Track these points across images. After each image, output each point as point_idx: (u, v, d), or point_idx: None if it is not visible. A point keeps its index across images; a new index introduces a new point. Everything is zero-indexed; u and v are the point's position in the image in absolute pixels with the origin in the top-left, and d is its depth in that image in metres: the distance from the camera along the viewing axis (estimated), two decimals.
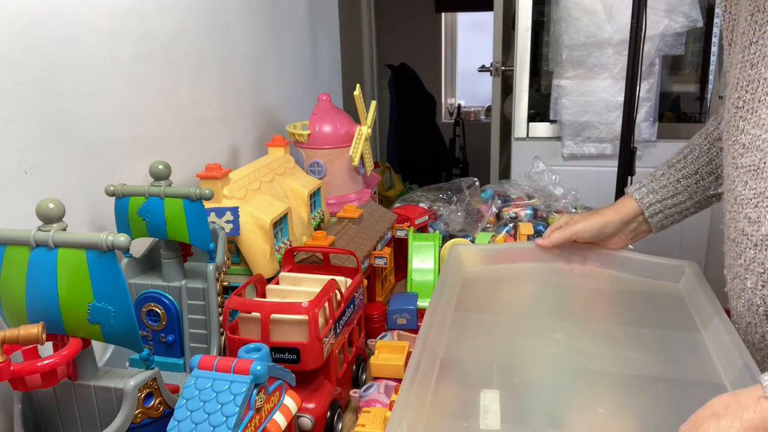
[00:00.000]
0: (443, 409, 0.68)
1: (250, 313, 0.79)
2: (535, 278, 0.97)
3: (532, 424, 0.67)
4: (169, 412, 0.66)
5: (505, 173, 2.59)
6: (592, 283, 0.96)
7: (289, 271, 0.97)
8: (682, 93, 2.44)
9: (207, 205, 0.94)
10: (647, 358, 0.76)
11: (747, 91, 0.72)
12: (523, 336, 0.82)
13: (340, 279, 0.90)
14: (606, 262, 0.96)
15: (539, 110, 2.37)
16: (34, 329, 0.57)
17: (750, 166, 0.71)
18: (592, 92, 2.14)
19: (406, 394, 0.64)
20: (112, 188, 0.84)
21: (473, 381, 0.73)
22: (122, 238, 0.57)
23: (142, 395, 0.63)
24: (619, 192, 1.71)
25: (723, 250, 0.81)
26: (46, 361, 0.58)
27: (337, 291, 0.84)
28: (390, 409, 0.73)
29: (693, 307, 0.85)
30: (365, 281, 1.04)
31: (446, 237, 1.33)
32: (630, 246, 1.01)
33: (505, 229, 1.38)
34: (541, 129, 2.33)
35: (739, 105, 0.73)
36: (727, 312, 0.80)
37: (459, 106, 4.83)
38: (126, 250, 0.59)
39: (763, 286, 0.72)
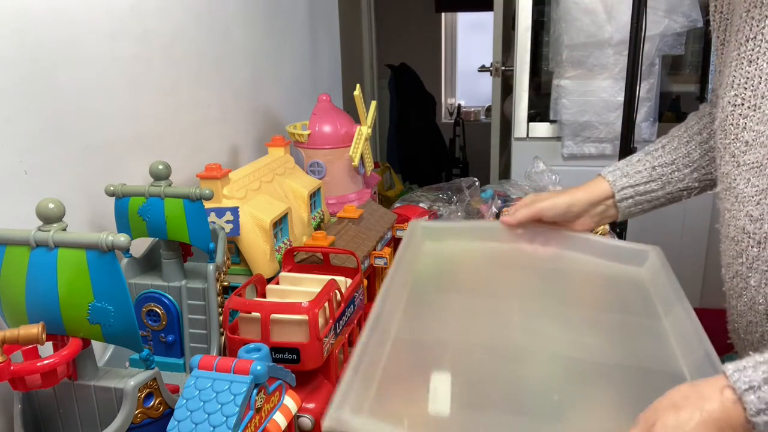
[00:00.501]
0: (391, 391, 0.65)
1: (250, 313, 0.79)
2: (495, 258, 0.94)
3: (484, 409, 0.64)
4: (169, 412, 0.66)
5: (505, 173, 2.59)
6: (553, 265, 0.93)
7: (289, 271, 0.97)
8: (682, 93, 2.44)
9: (207, 205, 0.94)
10: (605, 343, 0.74)
11: (746, 89, 0.72)
12: (479, 317, 0.80)
13: (340, 279, 0.90)
14: (569, 245, 0.93)
15: (539, 110, 2.37)
16: (34, 329, 0.57)
17: (753, 163, 0.71)
18: (592, 92, 2.14)
19: (352, 374, 0.60)
20: (112, 188, 0.84)
21: (425, 363, 0.70)
22: (122, 238, 0.57)
23: (142, 395, 0.63)
24: None
25: (720, 250, 0.81)
26: (46, 361, 0.58)
27: (337, 291, 0.84)
28: None
29: (655, 292, 0.83)
30: (365, 281, 1.04)
31: None
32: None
33: None
34: (541, 129, 2.33)
35: (737, 103, 0.73)
36: (700, 310, 0.79)
37: (459, 106, 4.83)
38: (126, 250, 0.59)
39: (767, 284, 0.72)
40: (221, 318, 0.86)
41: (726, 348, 0.81)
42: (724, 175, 0.77)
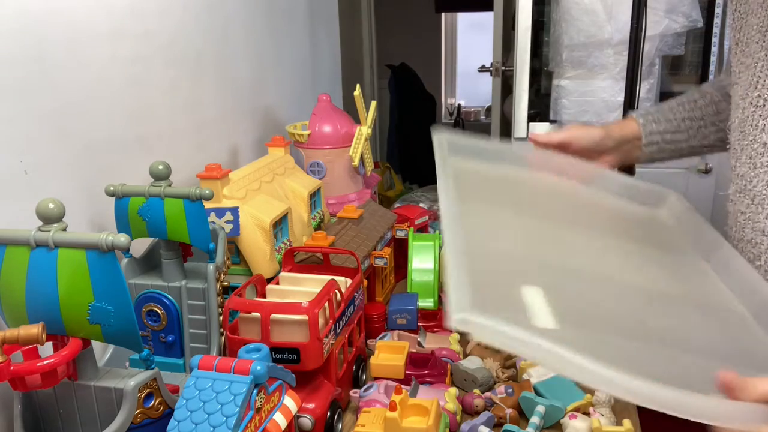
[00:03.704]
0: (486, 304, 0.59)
1: (250, 313, 0.79)
2: (524, 183, 0.91)
3: (588, 328, 0.60)
4: (169, 412, 0.66)
5: None
6: (582, 198, 0.91)
7: (289, 271, 0.97)
8: (682, 93, 2.44)
9: (207, 205, 0.94)
10: (664, 277, 0.73)
11: None
12: (540, 239, 0.76)
13: (340, 279, 0.90)
14: (591, 179, 0.91)
15: (539, 110, 2.37)
16: (34, 329, 0.57)
17: None
18: (592, 92, 2.14)
19: (458, 276, 0.55)
20: (112, 188, 0.84)
21: (510, 276, 0.66)
22: (122, 238, 0.57)
23: (142, 395, 0.63)
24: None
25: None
26: (46, 361, 0.58)
27: (337, 291, 0.84)
28: (390, 410, 0.73)
29: (690, 233, 0.82)
30: (365, 281, 1.04)
31: None
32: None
33: None
34: (541, 129, 2.33)
35: (759, 104, 0.72)
36: None
37: (459, 106, 4.83)
38: (126, 250, 0.59)
39: None
40: (221, 318, 0.86)
41: None
42: (738, 176, 0.76)
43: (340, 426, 0.83)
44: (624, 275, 0.71)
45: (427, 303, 1.07)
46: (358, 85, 1.32)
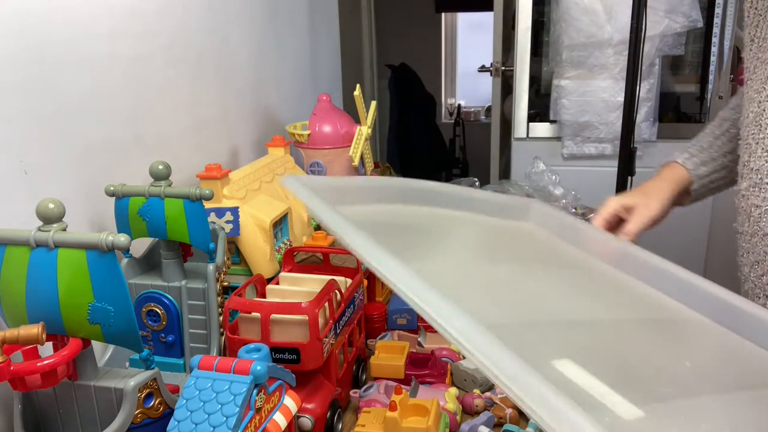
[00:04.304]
0: None
1: (250, 313, 0.79)
2: (407, 218, 0.80)
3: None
4: (169, 413, 0.66)
5: (505, 173, 2.59)
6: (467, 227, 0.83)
7: (289, 271, 0.97)
8: (682, 93, 2.44)
9: (207, 205, 0.94)
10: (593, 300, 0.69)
11: None
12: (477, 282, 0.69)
13: (340, 279, 0.90)
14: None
15: (539, 110, 2.37)
16: (34, 329, 0.57)
17: None
18: (592, 92, 2.14)
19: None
20: (112, 188, 0.84)
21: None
22: (122, 238, 0.57)
23: (142, 395, 0.63)
24: (620, 192, 1.71)
25: (741, 249, 0.79)
26: (46, 361, 0.58)
27: (337, 291, 0.84)
28: (390, 410, 0.73)
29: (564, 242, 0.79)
30: (365, 281, 1.04)
31: None
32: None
33: None
34: (541, 129, 2.33)
35: None
36: None
37: (459, 106, 4.83)
38: (126, 250, 0.59)
39: None
40: (221, 318, 0.86)
41: None
42: (753, 171, 0.76)
43: (340, 426, 0.83)
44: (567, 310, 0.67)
45: None
46: (358, 85, 1.32)
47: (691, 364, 0.58)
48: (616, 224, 0.87)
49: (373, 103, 1.42)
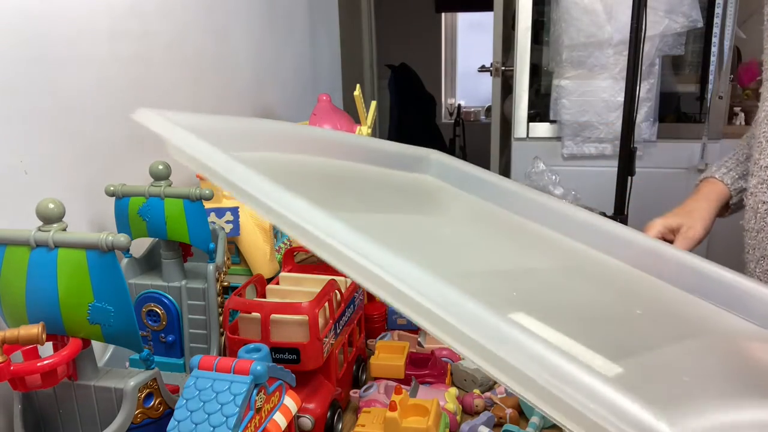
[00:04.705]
0: None
1: (250, 313, 0.79)
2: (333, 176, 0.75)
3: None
4: (169, 412, 0.66)
5: (505, 173, 2.59)
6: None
7: (289, 271, 0.97)
8: (682, 93, 2.44)
9: (207, 205, 0.94)
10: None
11: None
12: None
13: (340, 279, 0.90)
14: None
15: (539, 110, 2.37)
16: (34, 329, 0.57)
17: None
18: (592, 92, 2.14)
19: None
20: (112, 188, 0.84)
21: None
22: (122, 238, 0.57)
23: (142, 395, 0.63)
24: (620, 192, 1.71)
25: (748, 245, 0.79)
26: (46, 361, 0.58)
27: (337, 291, 0.84)
28: (390, 410, 0.73)
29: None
30: None
31: None
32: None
33: None
34: (541, 129, 2.33)
35: None
36: None
37: (459, 106, 4.83)
38: (126, 250, 0.59)
39: None
40: (221, 318, 0.86)
41: None
42: (762, 168, 0.76)
43: (340, 426, 0.83)
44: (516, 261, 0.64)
45: None
46: (358, 85, 1.32)
47: (642, 312, 0.57)
48: None
49: (373, 103, 1.41)
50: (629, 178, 1.71)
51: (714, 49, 2.24)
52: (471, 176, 0.77)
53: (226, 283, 0.91)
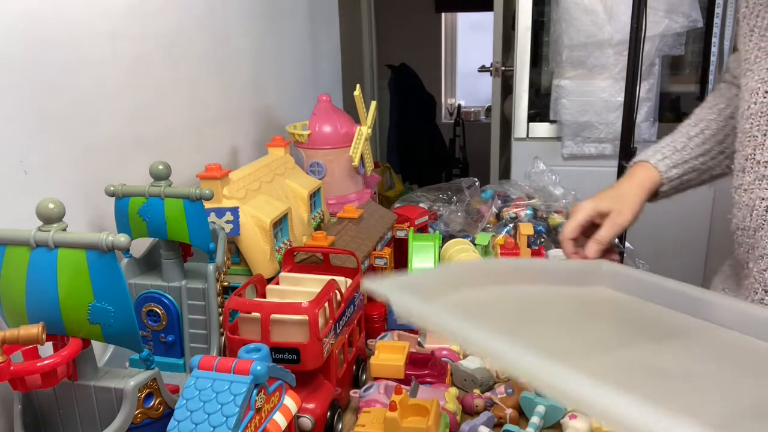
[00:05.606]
0: None
1: (250, 313, 0.79)
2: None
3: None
4: (169, 413, 0.66)
5: (505, 173, 2.59)
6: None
7: (289, 271, 0.97)
8: (682, 93, 2.44)
9: (207, 205, 0.94)
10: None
11: None
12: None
13: (340, 279, 0.90)
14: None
15: (539, 110, 2.37)
16: (34, 329, 0.57)
17: None
18: (592, 92, 2.14)
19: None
20: (112, 188, 0.84)
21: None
22: (122, 239, 0.57)
23: (142, 395, 0.63)
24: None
25: (742, 244, 0.78)
26: (46, 361, 0.58)
27: (337, 291, 0.84)
28: (390, 410, 0.73)
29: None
30: None
31: (446, 237, 1.33)
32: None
33: (505, 230, 1.38)
34: (541, 129, 2.33)
35: None
36: None
37: (459, 106, 4.83)
38: (126, 250, 0.59)
39: None
40: (221, 318, 0.86)
41: None
42: (758, 163, 0.75)
43: (340, 426, 0.83)
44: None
45: None
46: (358, 85, 1.32)
47: None
48: (589, 228, 0.85)
49: (373, 103, 1.41)
50: None
51: (714, 49, 2.25)
52: (651, 284, 0.72)
53: (226, 283, 0.91)
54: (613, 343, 0.61)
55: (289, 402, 0.68)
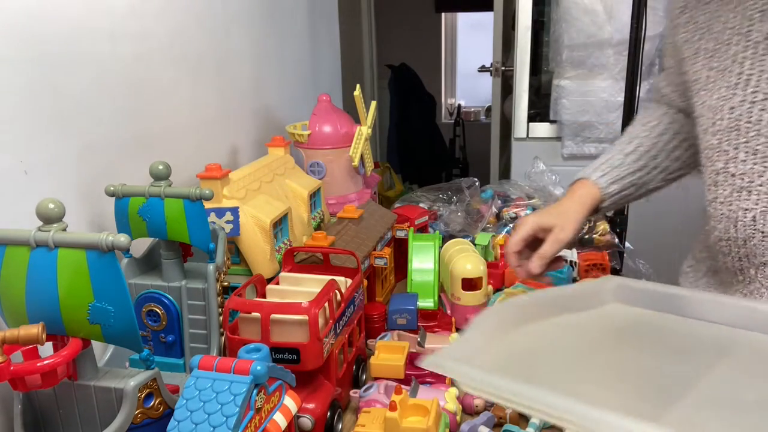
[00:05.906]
0: None
1: (250, 313, 0.79)
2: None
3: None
4: (169, 413, 0.66)
5: (505, 173, 2.59)
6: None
7: (289, 271, 0.97)
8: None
9: (207, 205, 0.94)
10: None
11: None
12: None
13: (340, 279, 0.90)
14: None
15: (539, 110, 2.37)
16: (34, 329, 0.57)
17: None
18: (592, 92, 2.14)
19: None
20: (112, 188, 0.84)
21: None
22: (122, 239, 0.57)
23: (142, 395, 0.63)
24: None
25: (728, 254, 0.79)
26: (46, 361, 0.58)
27: (337, 291, 0.84)
28: (390, 410, 0.73)
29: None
30: (365, 281, 1.04)
31: (446, 237, 1.33)
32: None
33: (505, 230, 1.38)
34: (541, 129, 2.33)
35: (756, 99, 0.73)
36: None
37: (459, 106, 4.83)
38: (126, 250, 0.59)
39: None
40: (221, 318, 0.86)
41: None
42: (734, 176, 0.76)
43: (340, 426, 0.83)
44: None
45: (427, 303, 1.07)
46: (358, 85, 1.32)
47: None
48: (532, 243, 0.88)
49: (373, 103, 1.42)
50: None
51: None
52: (662, 294, 0.71)
53: (226, 283, 0.91)
54: (678, 378, 0.58)
55: (289, 402, 0.68)
